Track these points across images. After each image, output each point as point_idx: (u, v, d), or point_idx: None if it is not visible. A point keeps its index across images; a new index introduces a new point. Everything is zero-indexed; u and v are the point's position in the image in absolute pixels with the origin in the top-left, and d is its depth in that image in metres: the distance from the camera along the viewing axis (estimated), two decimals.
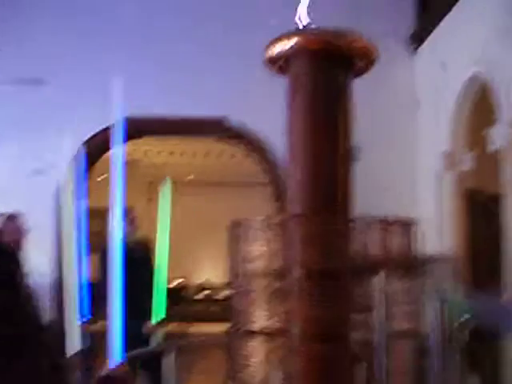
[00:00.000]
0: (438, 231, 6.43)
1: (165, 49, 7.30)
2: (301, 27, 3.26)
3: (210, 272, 14.05)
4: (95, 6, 7.38)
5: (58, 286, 7.13)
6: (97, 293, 4.99)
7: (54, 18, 7.43)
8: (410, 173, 7.20)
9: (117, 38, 7.32)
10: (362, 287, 2.96)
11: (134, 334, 4.12)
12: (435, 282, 5.97)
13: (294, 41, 3.11)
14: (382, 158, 7.19)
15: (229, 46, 7.27)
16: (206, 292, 13.41)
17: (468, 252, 6.35)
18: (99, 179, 10.12)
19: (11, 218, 3.72)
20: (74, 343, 2.91)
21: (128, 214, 4.63)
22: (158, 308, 4.32)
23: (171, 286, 12.02)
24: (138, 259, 4.59)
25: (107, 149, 7.47)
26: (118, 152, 2.54)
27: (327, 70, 3.19)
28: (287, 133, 3.33)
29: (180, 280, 13.32)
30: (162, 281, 4.40)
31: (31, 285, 4.17)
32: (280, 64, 3.31)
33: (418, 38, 7.19)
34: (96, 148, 6.90)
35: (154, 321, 4.27)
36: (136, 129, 7.43)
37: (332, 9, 6.48)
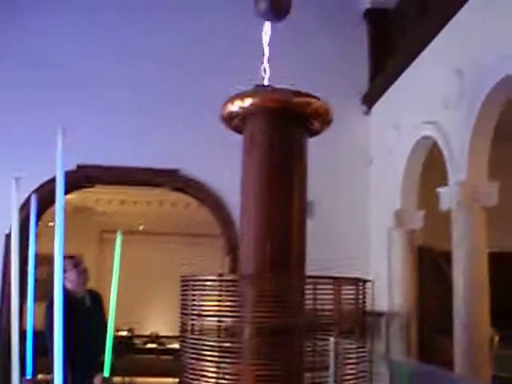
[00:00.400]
0: (388, 288, 6.49)
1: (121, 100, 7.29)
2: (258, 86, 3.32)
3: (158, 323, 13.80)
4: (44, 58, 7.30)
5: (4, 336, 6.90)
6: (41, 343, 4.86)
7: (4, 70, 7.34)
8: (362, 230, 7.29)
9: (70, 87, 7.26)
10: (314, 345, 2.95)
11: None
12: (385, 342, 6.00)
13: (251, 99, 3.16)
14: (336, 214, 7.28)
15: (185, 98, 7.31)
16: (154, 344, 13.12)
17: (417, 309, 6.41)
18: (50, 224, 9.98)
19: None
20: None
21: (79, 265, 4.54)
22: (108, 360, 4.20)
23: (119, 336, 11.73)
24: (89, 310, 4.49)
25: None
26: (63, 200, 2.49)
27: (283, 128, 3.24)
28: (242, 188, 3.34)
29: (128, 331, 13.04)
30: (111, 332, 4.30)
31: None
32: (236, 122, 3.35)
33: (372, 98, 7.40)
34: (47, 195, 6.78)
35: (104, 373, 4.14)
36: (88, 177, 7.38)
37: (289, 70, 6.61)
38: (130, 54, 7.50)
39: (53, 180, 6.77)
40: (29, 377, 3.26)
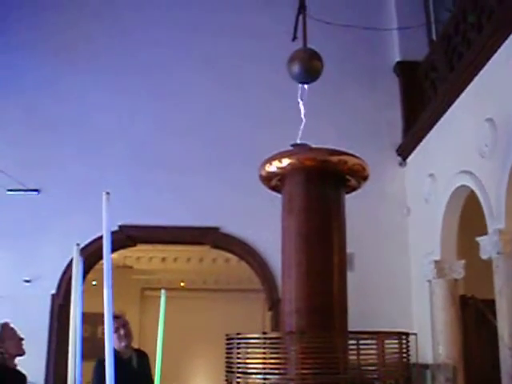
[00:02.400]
0: (432, 339, 6.41)
1: (160, 160, 7.46)
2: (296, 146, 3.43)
3: (201, 381, 13.71)
4: (83, 119, 7.55)
5: None
6: None
7: (45, 133, 7.62)
8: (403, 280, 7.27)
9: (110, 149, 7.49)
10: None
11: None
12: None
13: (288, 160, 3.27)
14: (376, 265, 7.28)
15: (224, 156, 7.46)
16: None
17: (463, 359, 6.30)
18: (94, 283, 10.14)
19: (7, 326, 3.71)
20: None
21: (125, 325, 4.62)
22: None
23: None
24: (136, 370, 4.54)
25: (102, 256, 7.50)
26: (108, 260, 2.57)
27: (321, 186, 3.32)
28: (282, 246, 3.42)
29: None
30: None
31: None
32: (274, 182, 3.45)
33: (407, 149, 7.45)
34: (92, 254, 6.94)
35: None
36: (129, 237, 7.53)
37: (325, 125, 6.76)
38: (167, 111, 7.72)
39: (96, 240, 6.89)
40: None
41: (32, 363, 6.91)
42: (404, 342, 3.10)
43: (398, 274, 7.30)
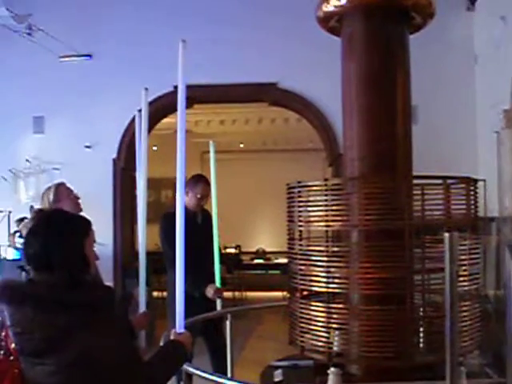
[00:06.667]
0: (498, 193, 6.25)
1: (213, 16, 7.22)
2: None
3: (264, 240, 14.06)
4: None
5: (118, 256, 7.27)
6: (156, 262, 5.07)
7: None
8: (469, 132, 6.97)
9: (169, 7, 7.27)
10: (423, 247, 2.89)
11: (197, 299, 4.15)
12: (504, 241, 5.82)
13: None
14: (441, 116, 6.95)
15: (280, 6, 7.07)
16: (261, 260, 13.40)
17: None
18: (154, 148, 10.24)
19: (61, 186, 3.75)
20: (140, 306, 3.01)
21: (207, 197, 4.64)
22: (218, 274, 4.38)
23: (227, 252, 12.06)
24: (200, 226, 4.59)
25: (160, 118, 7.50)
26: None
27: (383, 25, 3.07)
28: (343, 94, 3.24)
29: (235, 248, 13.37)
30: (218, 247, 4.47)
31: None
32: (333, 23, 3.22)
33: None
34: (149, 117, 6.91)
35: (216, 285, 4.34)
36: (186, 97, 7.41)
37: None
38: None
39: (153, 102, 6.81)
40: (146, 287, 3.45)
41: (100, 226, 7.15)
42: (471, 188, 2.97)
43: (464, 126, 7.04)
